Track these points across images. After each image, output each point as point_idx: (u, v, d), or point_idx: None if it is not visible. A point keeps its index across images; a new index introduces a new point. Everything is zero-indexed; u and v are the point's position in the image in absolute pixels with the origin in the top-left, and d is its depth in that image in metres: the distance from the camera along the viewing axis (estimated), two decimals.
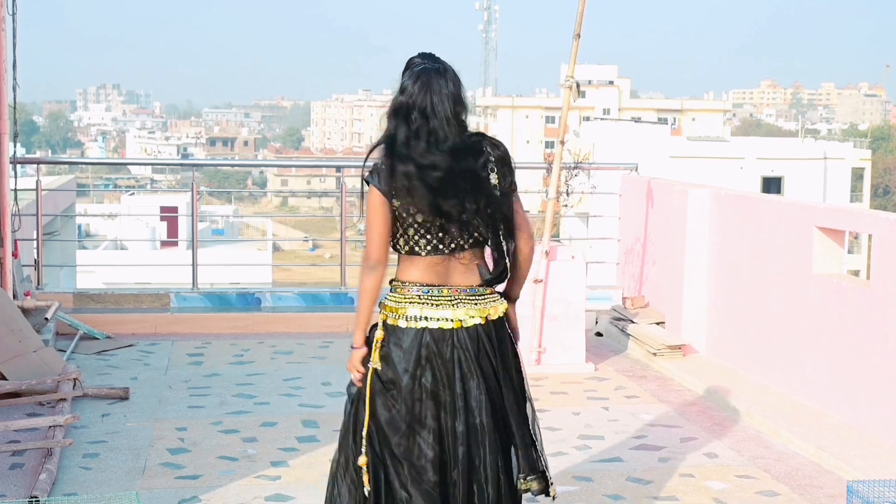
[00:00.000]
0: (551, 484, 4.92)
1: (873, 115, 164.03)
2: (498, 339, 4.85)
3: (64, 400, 8.31)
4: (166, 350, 10.64)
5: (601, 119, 66.72)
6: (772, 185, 48.32)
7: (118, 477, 6.98)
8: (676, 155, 44.56)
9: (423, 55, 4.89)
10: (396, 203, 4.73)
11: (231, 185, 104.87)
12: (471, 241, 4.81)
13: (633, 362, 10.59)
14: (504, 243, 4.88)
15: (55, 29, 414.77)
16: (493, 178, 4.80)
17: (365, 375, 4.82)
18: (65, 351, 10.18)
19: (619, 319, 11.46)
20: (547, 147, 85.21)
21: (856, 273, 29.16)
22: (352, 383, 4.93)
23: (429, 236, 4.77)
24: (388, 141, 4.78)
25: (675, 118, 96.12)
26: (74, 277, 20.06)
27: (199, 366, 10.06)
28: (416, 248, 4.79)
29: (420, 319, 4.77)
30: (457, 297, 4.80)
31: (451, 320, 4.76)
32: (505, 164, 4.84)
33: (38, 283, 11.88)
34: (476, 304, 4.82)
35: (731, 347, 10.17)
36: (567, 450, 7.74)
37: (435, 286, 4.80)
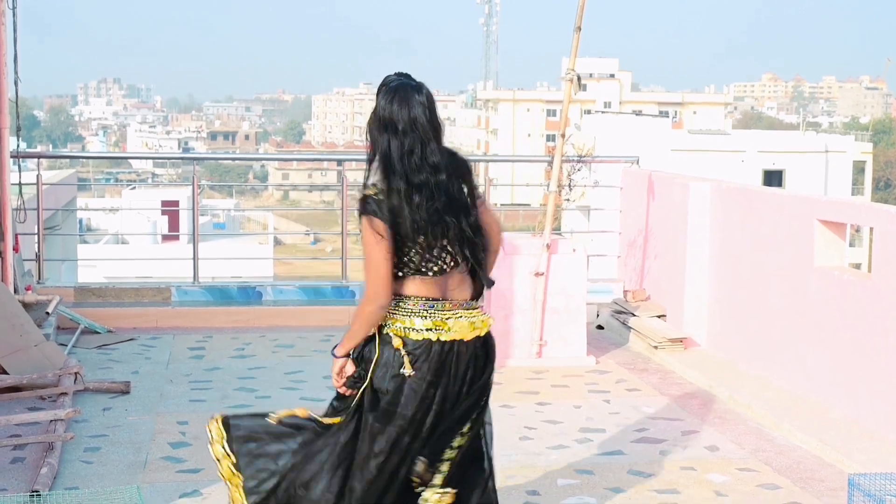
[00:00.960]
0: None
1: (874, 108, 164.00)
2: (489, 354, 4.86)
3: (65, 394, 8.32)
4: (167, 344, 10.65)
5: (602, 112, 66.62)
6: (773, 178, 48.30)
7: (119, 471, 6.99)
8: (677, 148, 44.51)
9: (397, 74, 4.84)
10: (399, 229, 4.65)
11: (232, 178, 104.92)
12: (463, 257, 4.80)
13: (635, 355, 10.59)
14: (483, 257, 4.89)
15: (56, 24, 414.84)
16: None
17: (359, 385, 4.84)
18: (66, 345, 10.18)
19: (620, 312, 11.47)
20: (548, 140, 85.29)
21: (857, 266, 29.16)
22: (339, 398, 4.95)
23: (430, 256, 4.72)
24: (384, 159, 4.69)
25: (676, 111, 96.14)
26: (75, 271, 20.09)
27: (200, 359, 10.06)
28: (421, 270, 4.74)
29: (429, 331, 4.72)
30: (457, 311, 4.77)
31: (457, 331, 4.74)
32: (470, 175, 4.88)
33: (39, 278, 11.89)
34: (474, 317, 4.81)
35: (733, 340, 10.17)
36: (568, 443, 7.74)
37: (438, 300, 4.77)
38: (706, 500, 6.68)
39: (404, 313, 4.75)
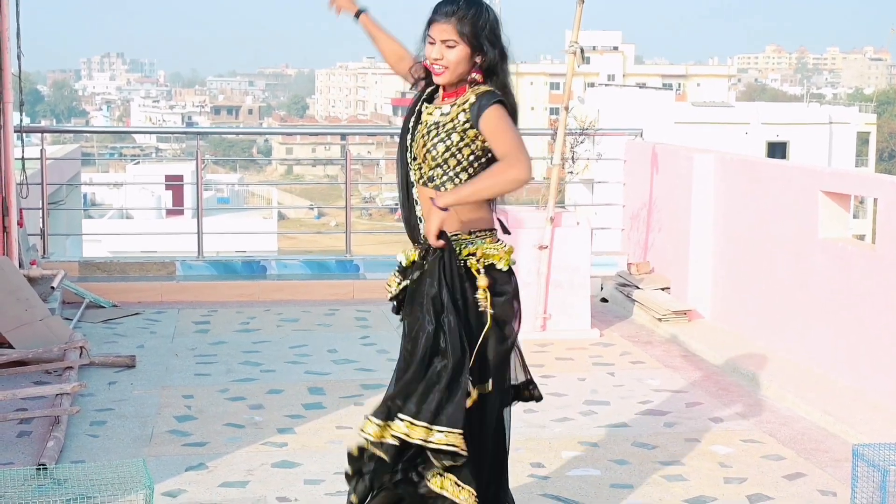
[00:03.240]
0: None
1: (878, 79, 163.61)
2: None
3: (70, 368, 8.34)
4: (172, 318, 10.67)
5: (606, 85, 66.54)
6: (777, 149, 48.17)
7: (125, 444, 7.01)
8: (681, 120, 44.34)
9: None
10: None
11: (236, 153, 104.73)
12: None
13: (639, 328, 10.60)
14: None
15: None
16: None
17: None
18: (71, 319, 10.20)
19: (624, 285, 11.47)
20: (551, 114, 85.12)
21: (861, 237, 29.11)
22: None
23: None
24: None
25: (679, 84, 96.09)
26: (80, 246, 20.09)
27: (205, 333, 10.08)
28: None
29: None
30: None
31: None
32: None
33: (44, 252, 11.90)
34: None
35: (737, 312, 10.19)
36: (573, 415, 7.76)
37: None
38: (711, 471, 6.69)
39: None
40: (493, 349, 4.69)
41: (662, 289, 11.09)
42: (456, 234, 4.69)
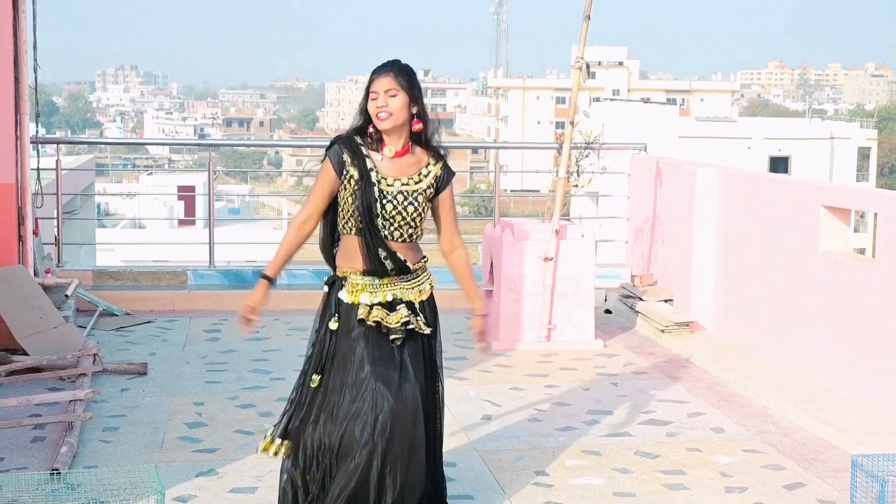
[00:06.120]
0: None
1: (880, 95, 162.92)
2: None
3: (84, 375, 8.42)
4: (184, 326, 10.76)
5: (611, 100, 66.39)
6: (779, 164, 48.02)
7: (137, 450, 7.09)
8: (685, 135, 44.28)
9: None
10: None
11: (247, 165, 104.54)
12: None
13: (642, 339, 10.69)
14: None
15: (74, 10, 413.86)
16: None
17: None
18: (84, 327, 10.28)
19: (627, 297, 11.55)
20: (557, 128, 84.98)
21: (861, 251, 29.06)
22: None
23: None
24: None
25: (683, 99, 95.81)
26: (94, 255, 20.19)
27: (215, 342, 10.18)
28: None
29: None
30: None
31: None
32: None
33: (59, 261, 11.96)
34: None
35: (739, 324, 10.26)
36: (576, 424, 7.84)
37: None
38: (712, 480, 6.77)
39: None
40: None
41: (665, 300, 11.18)
42: (423, 259, 5.63)
